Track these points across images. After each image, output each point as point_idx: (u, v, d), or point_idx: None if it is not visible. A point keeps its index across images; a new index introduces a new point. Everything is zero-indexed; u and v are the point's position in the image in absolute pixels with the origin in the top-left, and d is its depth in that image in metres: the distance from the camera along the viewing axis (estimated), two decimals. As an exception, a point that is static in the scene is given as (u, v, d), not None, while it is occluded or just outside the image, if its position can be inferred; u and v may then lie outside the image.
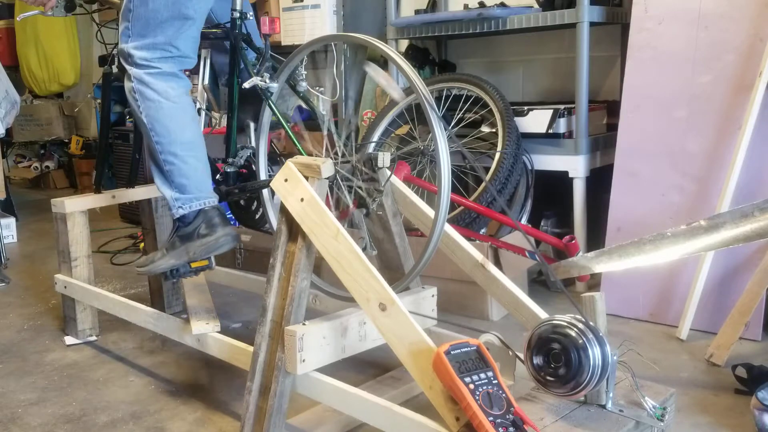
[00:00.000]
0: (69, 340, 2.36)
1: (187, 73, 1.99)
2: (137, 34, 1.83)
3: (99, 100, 3.92)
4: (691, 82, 2.34)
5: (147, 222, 2.52)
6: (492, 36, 3.25)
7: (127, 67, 1.87)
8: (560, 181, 2.68)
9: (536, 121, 2.70)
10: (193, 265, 1.89)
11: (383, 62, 3.54)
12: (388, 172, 1.66)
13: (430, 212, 1.69)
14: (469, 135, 2.77)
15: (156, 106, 1.84)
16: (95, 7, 2.44)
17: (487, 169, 2.62)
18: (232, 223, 2.74)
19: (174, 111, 1.85)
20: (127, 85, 1.88)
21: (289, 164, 1.52)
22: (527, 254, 2.38)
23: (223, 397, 1.93)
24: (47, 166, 5.70)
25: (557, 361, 1.27)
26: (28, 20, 5.07)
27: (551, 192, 2.80)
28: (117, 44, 1.92)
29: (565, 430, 1.27)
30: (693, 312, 2.20)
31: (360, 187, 1.61)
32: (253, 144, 1.99)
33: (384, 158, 1.63)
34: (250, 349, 1.60)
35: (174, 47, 1.84)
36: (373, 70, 1.68)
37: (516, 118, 2.68)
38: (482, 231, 2.58)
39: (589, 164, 2.65)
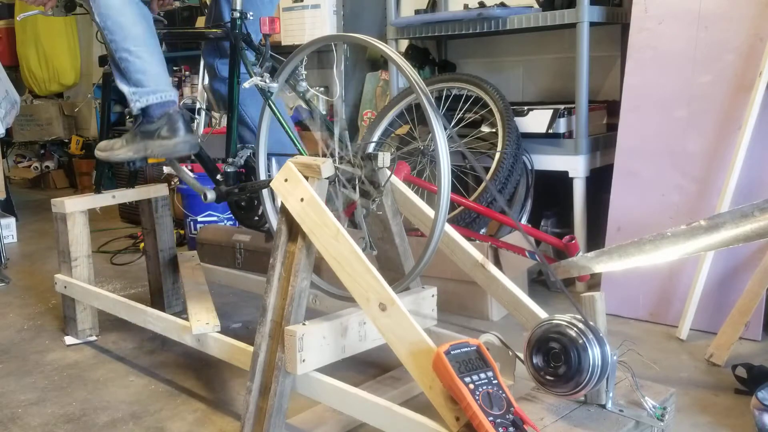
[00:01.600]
0: (69, 340, 2.36)
1: (187, 73, 2.00)
2: None
3: (99, 100, 3.92)
4: (691, 82, 2.34)
5: (147, 222, 2.52)
6: (492, 36, 3.25)
7: None
8: (560, 181, 2.68)
9: (536, 121, 2.70)
10: (150, 160, 1.95)
11: (383, 62, 3.55)
12: (388, 172, 1.66)
13: (430, 212, 1.69)
14: (469, 135, 2.77)
15: (106, 3, 1.88)
16: (95, 7, 2.44)
17: (487, 169, 2.62)
18: (232, 223, 2.74)
19: (123, 7, 1.89)
20: None
21: (289, 164, 1.52)
22: (527, 254, 2.38)
23: (223, 397, 1.93)
24: (47, 166, 5.70)
25: (557, 361, 1.28)
26: (28, 20, 5.07)
27: (551, 192, 2.80)
28: None
29: (565, 430, 1.27)
30: (693, 312, 2.20)
31: (360, 186, 1.61)
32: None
33: (384, 158, 1.63)
34: (250, 349, 1.60)
35: None
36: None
37: (516, 118, 2.68)
38: (482, 231, 2.58)
39: (589, 164, 2.65)
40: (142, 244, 3.28)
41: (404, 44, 3.41)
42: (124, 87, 1.92)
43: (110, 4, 1.89)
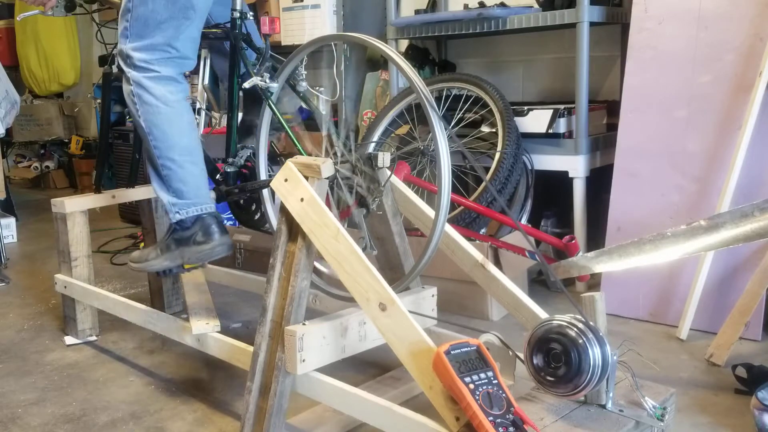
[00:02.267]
0: (69, 340, 2.36)
1: (187, 74, 1.99)
2: (136, 34, 1.82)
3: (99, 100, 3.92)
4: (691, 82, 2.34)
5: (147, 222, 2.52)
6: (492, 36, 3.25)
7: (126, 69, 1.85)
8: (560, 181, 2.68)
9: (536, 121, 2.70)
10: (186, 266, 1.90)
11: (383, 62, 3.54)
12: (388, 172, 1.66)
13: (430, 212, 1.69)
14: (469, 135, 2.77)
15: (154, 111, 1.83)
16: (95, 7, 2.44)
17: (487, 169, 2.62)
18: (232, 223, 2.74)
19: (172, 116, 1.84)
20: (125, 88, 1.87)
21: (289, 164, 1.52)
22: (527, 254, 2.38)
23: (223, 397, 1.93)
24: (47, 166, 5.70)
25: (557, 361, 1.28)
26: (28, 20, 5.07)
27: (551, 192, 2.80)
28: (116, 45, 1.92)
29: (565, 430, 1.27)
30: (693, 312, 2.20)
31: (360, 186, 1.61)
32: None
33: (384, 158, 1.63)
34: (250, 349, 1.60)
35: (173, 48, 1.83)
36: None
37: (516, 118, 2.68)
38: (482, 231, 2.58)
39: (589, 164, 2.65)
40: (142, 244, 3.28)
41: (404, 44, 3.41)
42: (163, 195, 1.87)
43: (160, 111, 1.83)
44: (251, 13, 2.02)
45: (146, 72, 1.82)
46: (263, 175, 1.91)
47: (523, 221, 2.70)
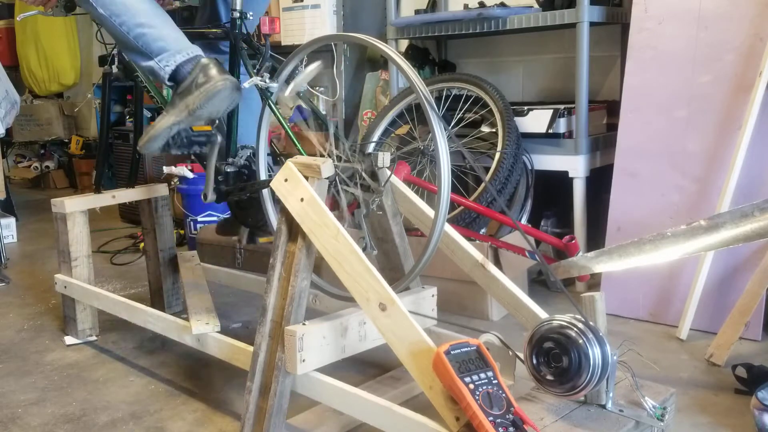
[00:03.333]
0: (69, 340, 2.36)
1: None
2: None
3: (99, 100, 3.92)
4: (691, 82, 2.34)
5: (147, 222, 2.52)
6: (492, 36, 3.25)
7: None
8: (560, 181, 2.68)
9: (536, 121, 2.70)
10: (195, 128, 1.83)
11: (383, 62, 3.55)
12: (388, 172, 1.66)
13: (430, 212, 1.69)
14: (469, 135, 2.77)
15: None
16: (95, 6, 2.44)
17: (487, 169, 2.62)
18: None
19: None
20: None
21: (289, 164, 1.52)
22: (527, 254, 2.38)
23: (223, 397, 1.93)
24: (47, 166, 5.70)
25: (557, 361, 1.27)
26: (28, 20, 5.07)
27: (551, 192, 2.80)
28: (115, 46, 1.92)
29: (565, 430, 1.27)
30: (693, 312, 2.20)
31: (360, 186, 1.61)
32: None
33: (384, 158, 1.63)
34: (250, 349, 1.60)
35: None
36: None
37: (516, 118, 2.68)
38: (482, 231, 2.58)
39: (589, 164, 2.65)
40: (142, 244, 3.28)
41: (404, 44, 3.41)
42: (148, 63, 1.82)
43: None
44: (251, 13, 2.01)
45: None
46: (263, 175, 1.91)
47: (523, 221, 2.70)
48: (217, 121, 1.91)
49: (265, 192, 1.92)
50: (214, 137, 1.90)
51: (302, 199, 1.47)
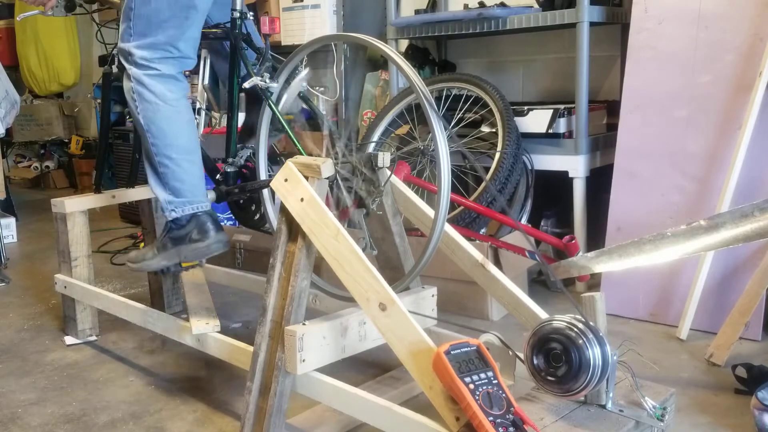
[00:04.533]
0: (69, 340, 2.36)
1: (187, 73, 1.99)
2: (138, 33, 1.83)
3: (99, 100, 3.93)
4: (691, 82, 2.34)
5: (147, 222, 2.52)
6: (492, 36, 3.25)
7: (127, 66, 1.86)
8: (560, 181, 2.68)
9: (536, 121, 2.70)
10: (184, 264, 1.92)
11: (383, 62, 3.55)
12: (388, 172, 1.66)
13: (430, 212, 1.69)
14: (469, 135, 2.77)
15: (153, 108, 1.84)
16: (95, 7, 2.44)
17: (487, 169, 2.62)
18: (232, 223, 2.74)
19: (171, 114, 1.85)
20: (126, 84, 1.89)
21: (289, 164, 1.52)
22: (527, 254, 2.38)
23: (223, 397, 1.93)
24: (47, 166, 5.70)
25: (557, 361, 1.27)
26: (28, 20, 5.07)
27: (551, 192, 2.80)
28: (117, 44, 1.92)
29: (565, 430, 1.27)
30: (693, 312, 2.20)
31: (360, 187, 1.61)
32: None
33: (384, 158, 1.63)
34: (250, 349, 1.60)
35: (175, 48, 1.84)
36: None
37: (516, 118, 2.68)
38: (482, 231, 2.58)
39: (589, 164, 2.65)
40: (142, 244, 3.28)
41: (404, 44, 3.41)
42: (159, 193, 1.88)
43: (159, 109, 1.84)
44: (251, 13, 2.02)
45: (147, 69, 1.84)
46: (263, 175, 1.91)
47: (523, 221, 2.70)
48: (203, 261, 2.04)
49: (265, 192, 1.92)
50: (201, 263, 2.02)
51: (302, 199, 1.47)
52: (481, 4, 2.92)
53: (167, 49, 1.84)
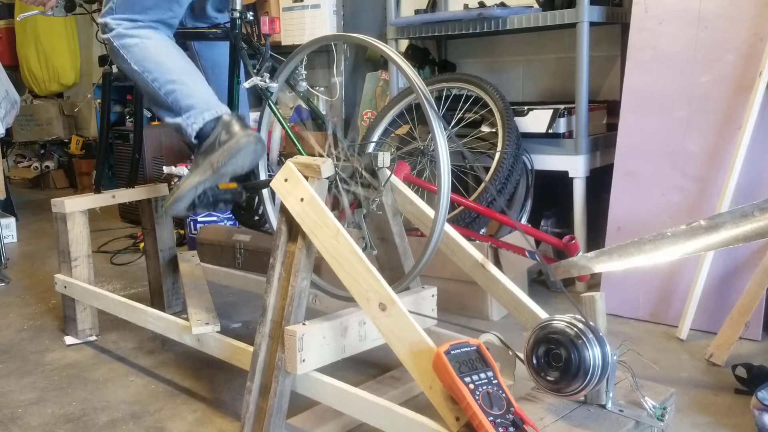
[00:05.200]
0: (69, 340, 2.36)
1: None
2: (120, 12, 1.89)
3: (99, 100, 3.93)
4: (691, 82, 2.34)
5: (147, 222, 2.52)
6: (492, 36, 3.25)
7: (107, 35, 1.90)
8: (560, 181, 2.68)
9: (536, 121, 2.70)
10: (221, 186, 1.85)
11: (383, 62, 3.55)
12: (388, 172, 1.66)
13: (430, 212, 1.69)
14: (469, 135, 2.77)
15: (141, 47, 1.87)
16: (95, 7, 2.44)
17: (487, 169, 2.62)
18: (232, 223, 2.72)
19: (159, 46, 1.89)
20: (110, 50, 1.92)
21: (289, 164, 1.52)
22: (527, 254, 2.38)
23: (223, 397, 1.93)
24: (47, 166, 5.70)
25: (557, 361, 1.28)
26: (28, 20, 5.07)
27: (551, 192, 2.80)
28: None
29: (565, 430, 1.27)
30: (693, 312, 2.20)
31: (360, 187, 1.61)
32: None
33: (384, 158, 1.63)
34: (250, 349, 1.60)
35: (157, 23, 1.91)
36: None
37: (516, 118, 2.68)
38: (482, 231, 2.58)
39: (589, 164, 2.65)
40: (142, 244, 3.28)
41: (404, 44, 3.41)
42: (177, 120, 1.84)
43: (147, 46, 1.88)
44: (251, 13, 2.01)
45: (126, 23, 1.88)
46: (263, 175, 1.91)
47: (523, 221, 2.70)
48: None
49: (265, 192, 1.92)
50: (239, 194, 1.92)
51: (302, 199, 1.47)
52: (481, 4, 2.92)
53: (150, 26, 1.89)
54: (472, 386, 1.18)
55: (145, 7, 1.86)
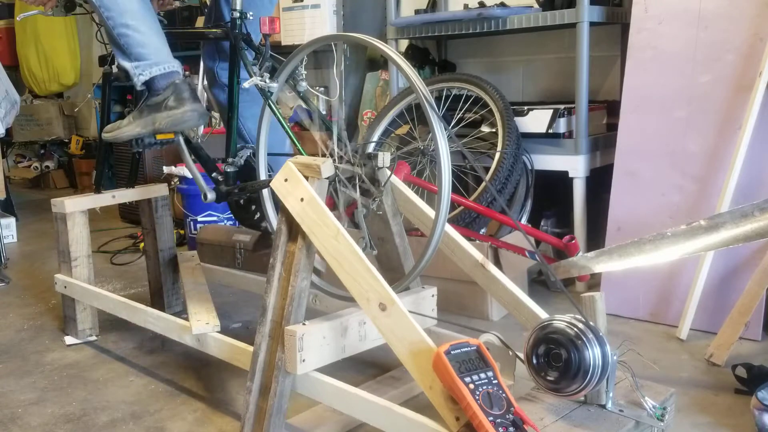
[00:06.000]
0: (69, 340, 2.36)
1: (186, 74, 1.99)
2: None
3: (99, 100, 3.92)
4: (691, 82, 2.34)
5: (147, 222, 2.52)
6: (492, 36, 3.25)
7: None
8: (560, 181, 2.68)
9: (536, 121, 2.70)
10: (159, 137, 1.93)
11: (383, 62, 3.55)
12: (388, 172, 1.66)
13: (430, 212, 1.69)
14: (469, 135, 2.77)
15: None
16: (95, 7, 2.44)
17: (487, 169, 2.62)
18: (232, 223, 2.73)
19: None
20: None
21: (289, 164, 1.52)
22: (527, 254, 2.38)
23: (223, 397, 1.93)
24: (47, 166, 5.70)
25: (557, 361, 1.27)
26: (28, 20, 5.07)
27: (551, 192, 2.80)
28: None
29: (565, 430, 1.27)
30: (693, 312, 2.20)
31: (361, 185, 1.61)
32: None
33: (384, 158, 1.63)
34: (250, 349, 1.60)
35: None
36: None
37: (516, 118, 2.68)
38: (482, 231, 2.58)
39: (589, 164, 2.65)
40: (142, 244, 3.28)
41: (404, 44, 3.41)
42: (125, 63, 1.89)
43: None
44: (251, 13, 2.01)
45: None
46: (263, 175, 1.91)
47: (523, 221, 2.70)
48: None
49: (265, 192, 1.92)
50: (176, 141, 2.01)
51: (302, 199, 1.47)
52: (481, 4, 2.92)
53: None
54: (472, 386, 1.18)
55: None
